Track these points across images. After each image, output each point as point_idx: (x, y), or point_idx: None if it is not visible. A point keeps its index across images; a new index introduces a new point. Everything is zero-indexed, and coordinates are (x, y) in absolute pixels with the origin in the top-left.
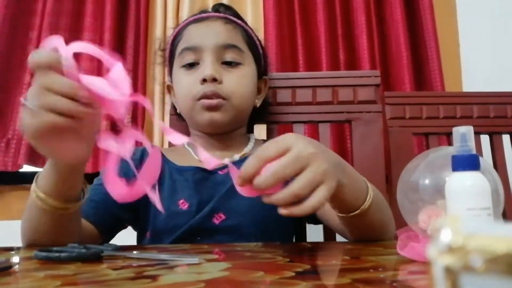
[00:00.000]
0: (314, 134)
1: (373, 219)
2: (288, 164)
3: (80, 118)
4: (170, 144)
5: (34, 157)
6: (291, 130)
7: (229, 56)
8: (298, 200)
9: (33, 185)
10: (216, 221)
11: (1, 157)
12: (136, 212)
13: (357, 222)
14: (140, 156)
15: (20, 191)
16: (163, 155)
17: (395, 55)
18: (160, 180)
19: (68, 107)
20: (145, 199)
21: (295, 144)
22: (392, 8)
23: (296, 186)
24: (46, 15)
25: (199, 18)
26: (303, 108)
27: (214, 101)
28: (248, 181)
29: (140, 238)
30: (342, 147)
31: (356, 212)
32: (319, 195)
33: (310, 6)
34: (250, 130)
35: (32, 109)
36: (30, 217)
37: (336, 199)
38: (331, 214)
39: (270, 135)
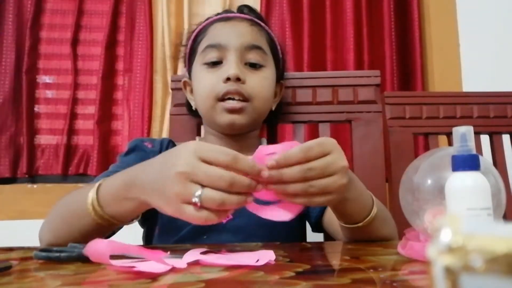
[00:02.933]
0: (314, 134)
1: (374, 233)
2: (320, 167)
3: None
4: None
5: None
6: (291, 130)
7: (253, 57)
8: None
9: (94, 200)
10: (223, 220)
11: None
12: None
13: (358, 234)
14: (159, 149)
15: (20, 191)
16: None
17: (381, 62)
18: None
19: (240, 204)
20: None
21: (334, 151)
22: (382, 19)
23: (308, 185)
24: (53, 14)
25: (225, 17)
26: (303, 108)
27: (237, 105)
28: (280, 166)
29: (149, 234)
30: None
31: (358, 224)
32: (319, 201)
33: (299, 13)
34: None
35: (203, 205)
36: (74, 223)
37: (340, 211)
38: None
39: (270, 135)
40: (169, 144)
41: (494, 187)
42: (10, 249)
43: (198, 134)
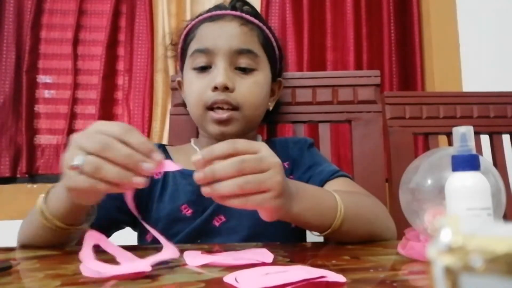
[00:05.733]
0: (314, 134)
1: (354, 231)
2: (253, 159)
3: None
4: (170, 138)
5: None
6: (291, 130)
7: (243, 62)
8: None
9: (42, 203)
10: (217, 223)
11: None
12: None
13: (338, 237)
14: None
15: (19, 191)
16: (169, 157)
17: (381, 62)
18: (164, 184)
19: (121, 179)
20: (145, 203)
21: (263, 149)
22: (381, 19)
23: (243, 180)
24: (53, 14)
25: (213, 15)
26: (303, 108)
27: (224, 115)
28: (208, 162)
29: (140, 241)
30: (341, 147)
31: (328, 231)
32: (256, 200)
33: (299, 13)
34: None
35: (82, 170)
36: (32, 226)
37: (301, 223)
38: None
39: (270, 135)
40: (159, 149)
41: (494, 187)
42: (10, 249)
43: (198, 133)
